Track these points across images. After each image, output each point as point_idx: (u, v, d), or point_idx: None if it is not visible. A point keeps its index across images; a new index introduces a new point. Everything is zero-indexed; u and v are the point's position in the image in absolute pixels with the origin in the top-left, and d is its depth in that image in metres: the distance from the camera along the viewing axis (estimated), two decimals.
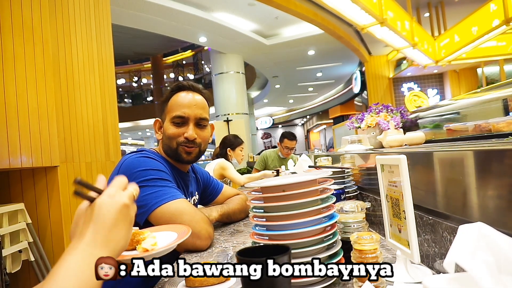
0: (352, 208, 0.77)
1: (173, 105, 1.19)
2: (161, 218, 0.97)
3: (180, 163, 1.23)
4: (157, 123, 1.26)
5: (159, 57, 14.21)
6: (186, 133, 1.17)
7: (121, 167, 1.07)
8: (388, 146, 1.60)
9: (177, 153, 1.18)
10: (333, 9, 5.10)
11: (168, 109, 1.20)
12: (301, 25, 8.01)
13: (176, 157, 1.20)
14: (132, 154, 1.12)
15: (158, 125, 1.25)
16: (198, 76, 13.96)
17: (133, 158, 1.09)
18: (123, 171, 1.05)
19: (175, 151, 1.18)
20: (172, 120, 1.18)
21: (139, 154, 1.12)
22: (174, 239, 0.70)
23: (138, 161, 1.07)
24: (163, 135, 1.21)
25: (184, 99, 1.19)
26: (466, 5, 7.81)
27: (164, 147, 1.22)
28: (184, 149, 1.18)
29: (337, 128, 4.22)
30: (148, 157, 1.10)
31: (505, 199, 0.53)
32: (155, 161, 1.10)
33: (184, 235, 0.70)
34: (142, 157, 1.09)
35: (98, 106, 3.20)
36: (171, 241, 0.68)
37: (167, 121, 1.19)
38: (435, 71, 10.25)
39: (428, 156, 0.76)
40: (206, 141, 1.24)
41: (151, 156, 1.11)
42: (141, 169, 1.04)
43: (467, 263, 0.34)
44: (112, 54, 3.50)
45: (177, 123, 1.17)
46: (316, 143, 20.41)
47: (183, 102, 1.18)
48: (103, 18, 3.40)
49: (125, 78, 15.36)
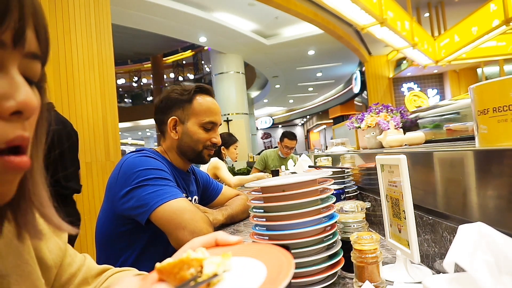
0: (352, 208, 0.77)
1: (202, 109, 1.21)
2: (162, 217, 0.97)
3: (197, 163, 1.28)
4: (173, 121, 1.20)
5: (159, 57, 14.20)
6: (214, 139, 1.23)
7: (121, 167, 1.07)
8: (388, 146, 1.60)
9: (201, 155, 1.22)
10: (333, 9, 5.10)
11: (193, 110, 1.20)
12: (301, 25, 8.00)
13: (198, 159, 1.23)
14: (132, 154, 1.12)
15: (173, 124, 1.20)
16: (198, 76, 13.96)
17: (133, 157, 1.09)
18: (124, 171, 1.05)
19: (199, 154, 1.22)
20: (203, 124, 1.20)
21: (139, 153, 1.12)
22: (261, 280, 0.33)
23: (140, 160, 1.07)
24: (184, 136, 1.20)
25: (213, 105, 1.23)
26: (466, 5, 7.81)
27: (182, 148, 1.21)
28: (208, 152, 1.24)
29: (337, 128, 4.21)
30: (148, 156, 1.11)
31: (505, 199, 0.53)
32: (156, 161, 1.10)
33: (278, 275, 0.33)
34: (142, 156, 1.10)
35: (98, 106, 3.20)
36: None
37: (195, 124, 1.20)
38: (435, 71, 10.24)
39: (428, 156, 0.76)
40: None
41: (151, 156, 1.12)
42: (142, 168, 1.04)
43: (467, 263, 0.34)
44: (112, 54, 3.50)
45: (208, 129, 1.22)
46: (316, 143, 20.41)
47: (214, 109, 1.23)
48: (103, 18, 3.40)
49: (125, 78, 15.36)
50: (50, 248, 0.50)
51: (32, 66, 0.34)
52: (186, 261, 0.35)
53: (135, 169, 1.03)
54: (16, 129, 0.31)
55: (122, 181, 1.03)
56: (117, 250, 1.08)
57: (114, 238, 1.08)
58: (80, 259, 0.57)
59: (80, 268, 0.56)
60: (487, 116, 0.60)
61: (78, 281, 0.54)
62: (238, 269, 0.37)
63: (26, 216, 0.36)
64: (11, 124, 0.31)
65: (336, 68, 12.40)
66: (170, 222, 0.96)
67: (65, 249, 0.54)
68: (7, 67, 0.31)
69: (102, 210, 1.11)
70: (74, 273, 0.54)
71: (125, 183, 1.02)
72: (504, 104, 0.57)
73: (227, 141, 3.32)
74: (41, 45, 0.34)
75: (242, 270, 0.37)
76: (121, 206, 1.02)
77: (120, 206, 1.02)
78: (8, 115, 0.30)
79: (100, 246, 1.12)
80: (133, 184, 1.01)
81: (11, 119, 0.31)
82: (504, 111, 0.57)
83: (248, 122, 9.55)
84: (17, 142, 0.31)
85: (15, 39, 0.30)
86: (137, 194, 1.00)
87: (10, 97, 0.30)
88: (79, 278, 0.54)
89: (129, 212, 1.01)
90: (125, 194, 1.01)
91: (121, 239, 1.08)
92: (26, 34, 0.31)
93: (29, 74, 0.34)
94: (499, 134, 0.59)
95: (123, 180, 1.03)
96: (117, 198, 1.02)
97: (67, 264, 0.53)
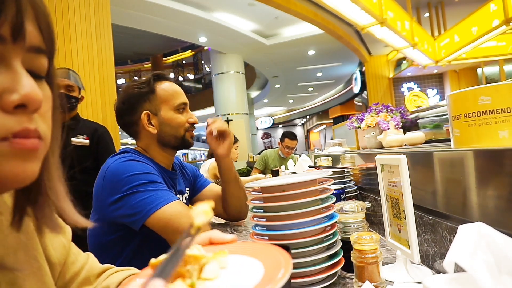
0: (352, 208, 0.77)
1: (168, 94, 1.15)
2: (158, 223, 0.94)
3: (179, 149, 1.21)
4: (146, 115, 1.12)
5: (159, 57, 14.20)
6: (191, 119, 1.18)
7: (105, 173, 1.00)
8: (388, 146, 1.60)
9: (184, 139, 1.17)
10: (333, 9, 5.10)
11: (161, 98, 1.14)
12: (301, 25, 8.01)
13: (183, 144, 1.18)
14: (115, 159, 1.05)
15: (147, 118, 1.13)
16: (198, 76, 13.96)
17: (117, 163, 1.02)
18: (110, 178, 0.99)
19: (182, 139, 1.17)
20: (176, 108, 1.15)
21: (123, 157, 1.05)
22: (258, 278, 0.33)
23: (123, 166, 1.01)
24: (162, 126, 1.14)
25: (176, 87, 1.19)
26: (466, 5, 7.81)
27: (164, 139, 1.15)
28: (190, 134, 1.19)
29: (337, 128, 4.21)
30: (133, 160, 1.04)
31: (505, 199, 0.53)
32: (142, 164, 1.04)
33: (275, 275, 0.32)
34: (127, 160, 1.03)
35: (98, 106, 3.20)
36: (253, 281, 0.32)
37: (169, 111, 1.14)
38: (435, 71, 10.24)
39: (428, 156, 0.76)
40: None
41: (136, 159, 1.05)
42: (130, 174, 0.98)
43: (467, 263, 0.34)
44: (112, 54, 3.50)
45: (182, 109, 1.17)
46: (316, 143, 20.41)
47: (178, 90, 1.18)
48: (103, 18, 3.40)
49: (125, 78, 15.35)
50: (54, 246, 0.50)
51: (37, 61, 0.34)
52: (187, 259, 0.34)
53: (123, 176, 0.98)
54: (22, 122, 0.31)
55: (109, 188, 0.98)
56: (112, 256, 1.04)
57: (107, 244, 1.04)
58: (84, 257, 0.57)
59: (83, 266, 0.56)
60: (460, 121, 0.69)
61: (81, 280, 0.54)
62: (234, 267, 0.36)
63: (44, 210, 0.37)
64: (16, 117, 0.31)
65: (336, 68, 12.40)
66: (167, 228, 0.93)
67: (68, 247, 0.54)
68: (9, 61, 0.31)
69: (92, 220, 1.05)
70: (77, 271, 0.54)
71: (113, 191, 0.97)
72: (473, 110, 0.66)
73: None
74: (44, 38, 0.34)
75: (239, 268, 0.36)
76: (111, 214, 0.98)
77: (110, 214, 0.98)
78: (12, 109, 0.30)
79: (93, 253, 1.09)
80: (123, 192, 0.96)
81: (16, 112, 0.31)
82: (473, 117, 0.66)
83: (248, 122, 9.55)
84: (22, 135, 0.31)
85: (14, 33, 0.30)
86: (128, 201, 0.95)
87: (14, 91, 0.30)
88: (81, 277, 0.54)
89: (121, 219, 0.97)
90: (115, 202, 0.97)
91: (115, 244, 1.04)
92: (25, 28, 0.31)
93: (35, 69, 0.34)
94: (470, 137, 0.67)
95: (110, 188, 0.98)
96: (106, 205, 0.98)
97: (71, 263, 0.53)
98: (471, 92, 0.66)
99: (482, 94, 0.64)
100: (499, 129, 0.63)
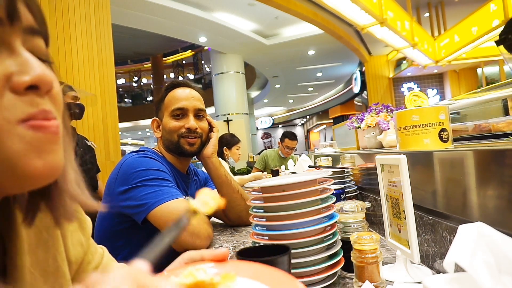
0: (352, 208, 0.77)
1: (170, 101, 1.20)
2: (160, 217, 0.97)
3: (183, 157, 1.23)
4: (154, 122, 1.26)
5: (159, 57, 14.20)
6: (187, 124, 1.17)
7: (121, 166, 1.08)
8: (388, 146, 1.60)
9: (179, 146, 1.18)
10: (333, 9, 5.10)
11: (165, 105, 1.22)
12: (301, 25, 8.00)
13: (178, 150, 1.19)
14: (133, 154, 1.13)
15: (156, 124, 1.26)
16: (198, 76, 13.95)
17: (134, 158, 1.09)
18: (124, 170, 1.06)
19: (176, 144, 1.18)
20: (171, 113, 1.18)
21: (139, 154, 1.12)
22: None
23: (139, 161, 1.08)
24: (163, 132, 1.22)
25: (182, 94, 1.21)
26: (466, 5, 7.80)
27: (165, 144, 1.22)
28: (187, 141, 1.18)
29: (337, 128, 4.20)
30: (148, 157, 1.11)
31: (505, 199, 0.53)
32: (155, 161, 1.10)
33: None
34: (142, 157, 1.10)
35: (98, 106, 3.20)
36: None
37: (166, 116, 1.20)
38: (435, 71, 10.24)
39: (428, 156, 0.76)
40: (206, 132, 1.25)
41: (151, 156, 1.12)
42: (141, 169, 1.04)
43: (467, 263, 0.34)
44: (112, 54, 3.50)
45: (177, 115, 1.18)
46: (316, 143, 20.40)
47: (181, 96, 1.20)
48: (103, 18, 3.40)
49: (125, 78, 15.35)
50: (73, 242, 0.49)
51: (35, 43, 0.34)
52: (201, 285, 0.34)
53: (135, 169, 1.04)
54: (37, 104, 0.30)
55: (122, 180, 1.04)
56: (115, 248, 1.08)
57: (112, 236, 1.08)
58: (99, 256, 0.56)
59: (97, 266, 0.55)
60: (400, 131, 0.95)
61: None
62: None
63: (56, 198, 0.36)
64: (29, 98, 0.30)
65: (336, 68, 12.40)
66: (169, 223, 0.95)
67: (87, 245, 0.52)
68: (12, 45, 0.31)
69: None
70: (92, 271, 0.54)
71: (124, 182, 1.03)
72: (408, 125, 0.92)
73: (230, 142, 3.30)
74: (36, 18, 0.34)
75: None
76: (119, 203, 1.03)
77: (117, 203, 1.03)
78: (23, 90, 0.30)
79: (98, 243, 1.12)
80: (132, 184, 1.01)
81: (27, 93, 0.30)
82: (408, 129, 0.92)
83: (248, 122, 9.54)
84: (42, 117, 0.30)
85: (9, 14, 0.30)
86: (135, 193, 1.00)
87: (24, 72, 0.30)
88: None
89: (126, 210, 1.02)
90: (124, 192, 1.02)
91: (120, 237, 1.09)
92: (18, 7, 0.31)
93: (35, 53, 0.33)
94: (407, 143, 0.92)
95: (122, 179, 1.04)
96: (115, 194, 1.03)
97: (87, 263, 0.52)
98: (408, 112, 0.92)
99: (413, 114, 0.90)
100: (424, 138, 0.88)
